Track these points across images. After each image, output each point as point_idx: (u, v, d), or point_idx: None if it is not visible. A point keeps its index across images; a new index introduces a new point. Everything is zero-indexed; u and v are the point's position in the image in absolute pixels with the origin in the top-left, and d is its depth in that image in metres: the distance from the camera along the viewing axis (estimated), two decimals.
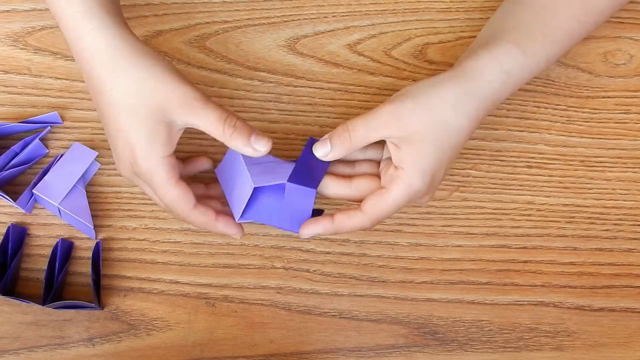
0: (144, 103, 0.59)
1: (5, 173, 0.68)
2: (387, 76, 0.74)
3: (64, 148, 0.71)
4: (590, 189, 0.73)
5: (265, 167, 0.63)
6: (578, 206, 0.73)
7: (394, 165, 0.62)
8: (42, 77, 0.72)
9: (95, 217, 0.70)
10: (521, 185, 0.73)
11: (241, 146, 0.60)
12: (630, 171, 0.74)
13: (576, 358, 0.70)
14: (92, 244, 0.70)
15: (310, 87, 0.74)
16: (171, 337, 0.69)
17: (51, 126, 0.71)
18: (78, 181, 0.68)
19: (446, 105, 0.61)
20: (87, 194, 0.70)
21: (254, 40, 0.74)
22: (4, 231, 0.68)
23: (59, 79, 0.72)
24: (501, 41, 0.63)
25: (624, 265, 0.72)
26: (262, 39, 0.74)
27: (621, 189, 0.73)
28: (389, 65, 0.74)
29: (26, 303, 0.67)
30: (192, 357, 0.69)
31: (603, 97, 0.75)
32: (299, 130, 0.72)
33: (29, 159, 0.70)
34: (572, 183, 0.73)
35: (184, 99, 0.59)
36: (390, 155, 0.63)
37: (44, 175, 0.68)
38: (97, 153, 0.69)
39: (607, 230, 0.73)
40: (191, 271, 0.70)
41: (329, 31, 0.75)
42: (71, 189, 0.68)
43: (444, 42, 0.75)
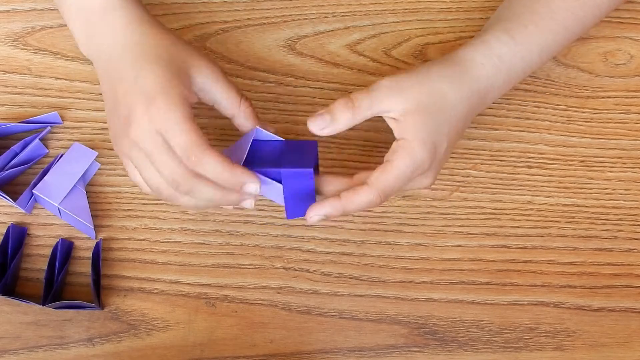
0: (169, 55, 0.60)
1: (5, 173, 0.68)
2: (386, 76, 0.74)
3: (64, 148, 0.71)
4: (590, 189, 0.73)
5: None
6: (578, 206, 0.73)
7: (396, 140, 0.62)
8: (42, 77, 0.72)
9: (95, 217, 0.70)
10: (521, 185, 0.73)
11: (253, 116, 0.63)
12: (630, 171, 0.74)
13: (576, 358, 0.70)
14: (92, 244, 0.70)
15: (310, 87, 0.74)
16: (171, 337, 0.69)
17: (51, 126, 0.71)
18: (78, 181, 0.68)
19: (444, 81, 0.62)
20: (87, 194, 0.70)
21: (254, 40, 0.74)
22: (4, 231, 0.68)
23: (59, 79, 0.72)
24: (492, 30, 0.65)
25: (624, 265, 0.72)
26: (262, 39, 0.74)
27: (621, 189, 0.73)
28: (389, 65, 0.74)
29: (26, 303, 0.67)
30: (192, 357, 0.69)
31: (603, 97, 0.75)
32: (299, 130, 0.72)
33: (29, 159, 0.70)
34: (572, 183, 0.73)
35: (208, 65, 0.62)
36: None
37: (44, 175, 0.68)
38: (97, 153, 0.69)
39: (607, 230, 0.73)
40: (191, 271, 0.70)
41: (329, 31, 0.75)
42: (71, 189, 0.68)
43: (444, 42, 0.75)
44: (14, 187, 0.70)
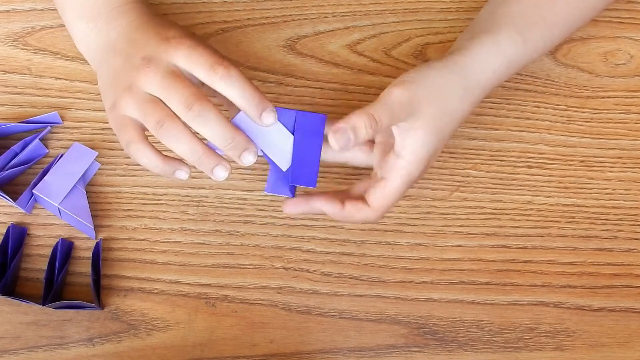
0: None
1: (5, 173, 0.68)
2: (387, 76, 0.74)
3: (64, 148, 0.71)
4: (590, 189, 0.73)
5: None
6: (578, 206, 0.73)
7: (394, 153, 0.62)
8: (42, 77, 0.72)
9: (95, 217, 0.70)
10: (521, 185, 0.73)
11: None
12: (630, 171, 0.74)
13: (576, 358, 0.70)
14: (92, 244, 0.70)
15: (310, 87, 0.74)
16: (171, 337, 0.69)
17: (51, 126, 0.71)
18: (78, 181, 0.68)
19: (455, 97, 0.62)
20: (87, 194, 0.70)
21: (254, 40, 0.74)
22: (4, 231, 0.68)
23: (59, 79, 0.72)
24: (504, 28, 0.64)
25: (624, 265, 0.72)
26: (262, 39, 0.74)
27: (621, 189, 0.73)
28: (389, 65, 0.74)
29: (26, 303, 0.67)
30: (192, 357, 0.69)
31: (603, 97, 0.75)
32: None
33: (29, 159, 0.70)
34: (572, 183, 0.73)
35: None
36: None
37: (44, 175, 0.68)
38: (97, 153, 0.69)
39: (607, 230, 0.73)
40: (191, 271, 0.70)
41: (329, 31, 0.75)
42: (71, 189, 0.68)
43: (444, 42, 0.75)
44: (14, 187, 0.70)
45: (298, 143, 0.62)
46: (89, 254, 0.70)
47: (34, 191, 0.67)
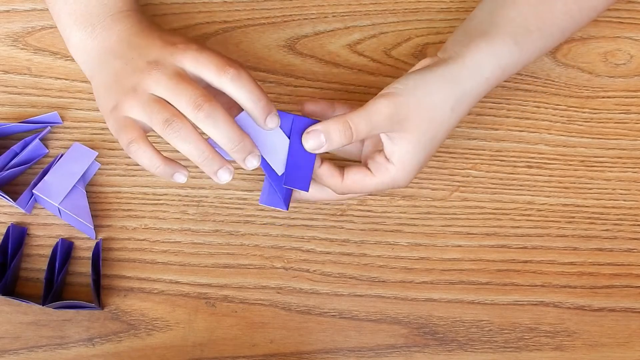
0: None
1: (5, 173, 0.68)
2: (387, 76, 0.74)
3: (64, 148, 0.71)
4: (590, 189, 0.73)
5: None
6: (578, 206, 0.73)
7: (385, 156, 0.62)
8: (42, 77, 0.72)
9: (95, 217, 0.70)
10: (521, 185, 0.73)
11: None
12: (630, 171, 0.74)
13: (576, 358, 0.70)
14: (92, 244, 0.70)
15: (310, 87, 0.74)
16: (171, 337, 0.69)
17: (51, 126, 0.71)
18: (78, 181, 0.68)
19: (447, 107, 0.62)
20: (87, 194, 0.70)
21: (254, 40, 0.74)
22: (4, 231, 0.68)
23: (59, 79, 0.72)
24: (501, 34, 0.63)
25: (624, 265, 0.72)
26: (262, 39, 0.74)
27: (621, 189, 0.73)
28: (389, 65, 0.74)
29: (26, 303, 0.67)
30: (192, 357, 0.69)
31: (603, 97, 0.75)
32: None
33: (29, 159, 0.70)
34: (572, 183, 0.73)
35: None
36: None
37: (44, 175, 0.68)
38: (97, 153, 0.69)
39: (607, 230, 0.73)
40: (191, 271, 0.70)
41: (329, 31, 0.75)
42: (71, 189, 0.68)
43: (443, 42, 0.74)
44: (14, 187, 0.70)
45: (293, 147, 0.62)
46: (89, 254, 0.70)
47: (34, 191, 0.67)
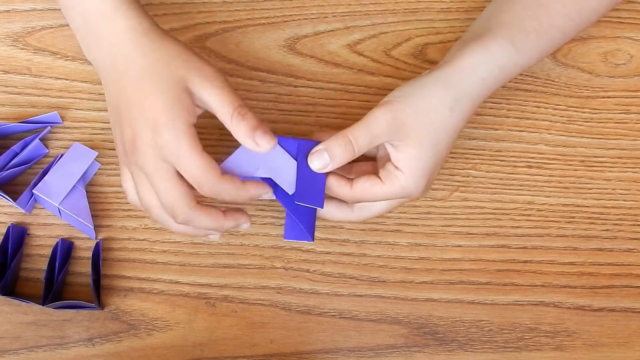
0: (169, 72, 0.59)
1: (5, 173, 0.68)
2: (387, 76, 0.74)
3: (64, 148, 0.71)
4: (590, 189, 0.73)
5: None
6: (578, 206, 0.73)
7: (393, 164, 0.62)
8: (42, 77, 0.72)
9: (95, 217, 0.70)
10: (521, 185, 0.73)
11: (243, 136, 0.60)
12: (630, 171, 0.74)
13: (576, 358, 0.70)
14: (92, 244, 0.70)
15: (310, 87, 0.74)
16: (171, 337, 0.69)
17: (51, 126, 0.71)
18: (78, 181, 0.68)
19: (445, 109, 0.61)
20: (87, 194, 0.70)
21: (254, 40, 0.74)
22: (4, 231, 0.68)
23: (59, 79, 0.72)
24: (495, 36, 0.63)
25: (624, 265, 0.72)
26: (262, 39, 0.74)
27: (621, 189, 0.73)
28: (389, 65, 0.74)
29: (26, 303, 0.67)
30: (192, 357, 0.69)
31: (603, 97, 0.75)
32: (299, 131, 0.72)
33: (29, 159, 0.70)
34: (572, 183, 0.73)
35: (204, 75, 0.59)
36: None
37: (44, 175, 0.68)
38: (97, 153, 0.69)
39: (607, 230, 0.73)
40: (191, 271, 0.70)
41: (329, 31, 0.75)
42: (71, 189, 0.68)
43: (444, 42, 0.75)
44: (14, 187, 0.70)
45: (302, 170, 0.62)
46: (89, 254, 0.70)
47: (34, 191, 0.67)
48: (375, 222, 0.71)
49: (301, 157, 0.63)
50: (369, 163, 0.66)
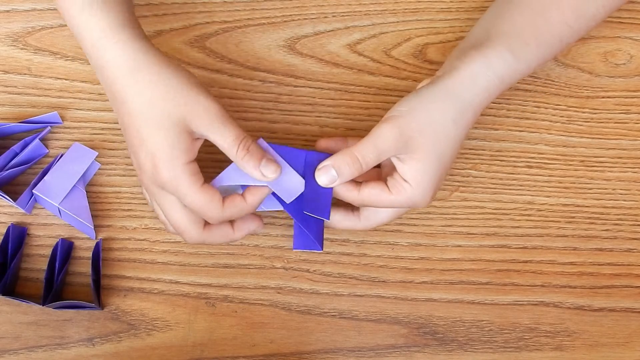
0: (165, 113, 0.59)
1: (5, 173, 0.68)
2: (387, 76, 0.74)
3: (64, 148, 0.71)
4: (590, 189, 0.73)
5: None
6: (578, 206, 0.73)
7: (400, 175, 0.62)
8: (42, 77, 0.72)
9: (95, 217, 0.70)
10: (521, 185, 0.73)
11: (251, 169, 0.61)
12: (630, 171, 0.74)
13: (576, 358, 0.70)
14: (92, 244, 0.70)
15: (310, 87, 0.74)
16: (171, 337, 0.69)
17: (51, 126, 0.71)
18: (78, 181, 0.68)
19: (449, 122, 0.62)
20: (87, 194, 0.70)
21: (254, 40, 0.74)
22: (4, 231, 0.68)
23: (59, 79, 0.72)
24: (494, 45, 0.64)
25: (624, 265, 0.72)
26: (262, 39, 0.74)
27: (621, 189, 0.73)
28: (389, 65, 0.74)
29: (26, 303, 0.67)
30: (192, 357, 0.69)
31: (603, 97, 0.75)
32: (299, 130, 0.72)
33: (29, 159, 0.70)
34: (572, 183, 0.73)
35: (204, 113, 0.60)
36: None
37: (44, 175, 0.68)
38: (97, 153, 0.69)
39: (607, 230, 0.73)
40: (191, 271, 0.70)
41: (329, 31, 0.75)
42: (71, 189, 0.68)
43: (444, 42, 0.75)
44: (14, 187, 0.70)
45: (309, 181, 0.63)
46: (89, 254, 0.70)
47: (34, 191, 0.67)
48: None
49: (308, 169, 0.63)
50: (374, 168, 0.66)
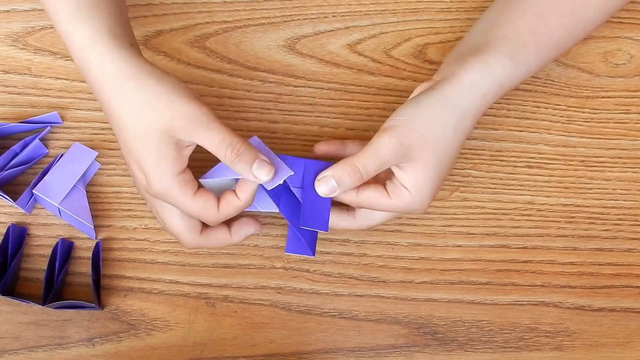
0: (150, 126, 0.58)
1: (5, 173, 0.68)
2: (387, 76, 0.74)
3: (64, 148, 0.71)
4: (590, 189, 0.73)
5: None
6: (578, 206, 0.73)
7: (400, 182, 0.62)
8: (42, 77, 0.72)
9: (95, 217, 0.70)
10: (521, 185, 0.73)
11: (242, 172, 0.60)
12: (630, 171, 0.74)
13: (576, 358, 0.70)
14: (92, 244, 0.70)
15: (310, 87, 0.74)
16: (171, 337, 0.69)
17: (51, 126, 0.71)
18: (78, 181, 0.68)
19: (449, 130, 0.62)
20: (87, 194, 0.70)
21: (254, 40, 0.74)
22: (4, 231, 0.68)
23: (59, 79, 0.72)
24: (494, 51, 0.63)
25: (624, 265, 0.72)
26: (262, 39, 0.74)
27: (621, 189, 0.73)
28: (389, 65, 0.74)
29: (26, 303, 0.67)
30: (192, 357, 0.69)
31: (603, 97, 0.75)
32: (299, 130, 0.72)
33: (29, 159, 0.70)
34: (572, 183, 0.73)
35: (188, 119, 0.58)
36: None
37: (44, 175, 0.68)
38: (97, 153, 0.69)
39: (607, 230, 0.73)
40: (191, 271, 0.70)
41: (329, 31, 0.75)
42: (71, 189, 0.68)
43: (444, 42, 0.75)
44: (14, 187, 0.70)
45: (307, 190, 0.63)
46: (89, 254, 0.70)
47: (34, 191, 0.67)
48: None
49: (307, 178, 0.63)
50: None
